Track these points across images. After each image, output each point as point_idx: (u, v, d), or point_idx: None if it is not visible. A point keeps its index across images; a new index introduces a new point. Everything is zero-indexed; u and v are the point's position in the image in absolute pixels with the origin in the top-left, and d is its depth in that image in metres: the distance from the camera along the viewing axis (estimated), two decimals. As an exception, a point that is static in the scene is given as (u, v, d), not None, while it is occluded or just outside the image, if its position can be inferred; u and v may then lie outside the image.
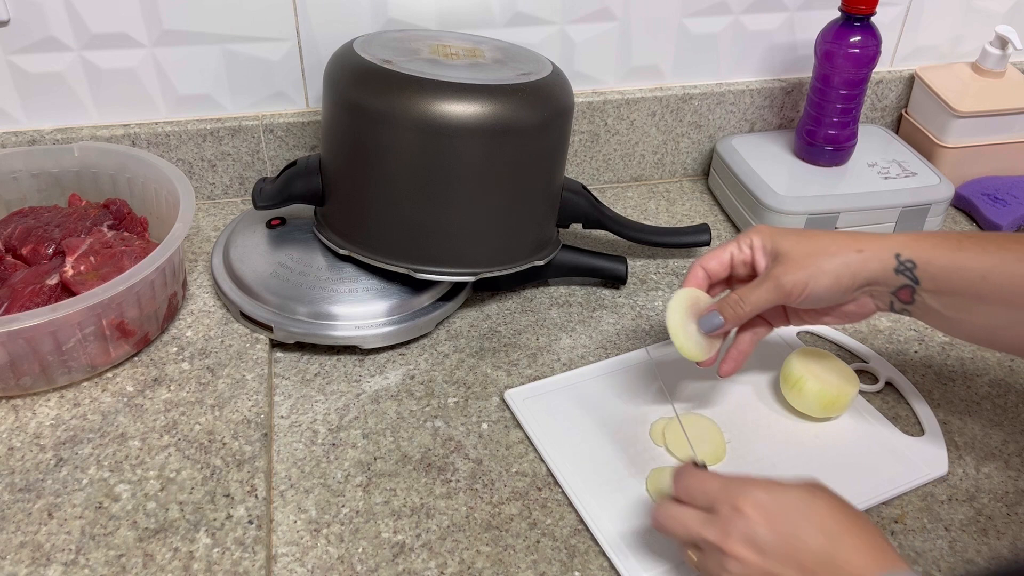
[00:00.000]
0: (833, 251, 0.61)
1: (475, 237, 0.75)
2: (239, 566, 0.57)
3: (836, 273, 0.60)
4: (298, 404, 0.71)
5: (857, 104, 0.91)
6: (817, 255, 0.61)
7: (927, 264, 0.59)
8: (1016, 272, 0.56)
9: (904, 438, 0.69)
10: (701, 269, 0.66)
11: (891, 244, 0.60)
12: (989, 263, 0.57)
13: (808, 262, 0.61)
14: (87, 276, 0.70)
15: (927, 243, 0.59)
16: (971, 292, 0.58)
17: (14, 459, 0.64)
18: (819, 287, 0.61)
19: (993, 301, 0.57)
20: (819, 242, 0.62)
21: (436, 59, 0.75)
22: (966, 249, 0.58)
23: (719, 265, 0.65)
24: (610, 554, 0.59)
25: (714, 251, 0.66)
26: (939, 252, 0.59)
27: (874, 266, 0.60)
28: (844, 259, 0.60)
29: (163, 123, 0.89)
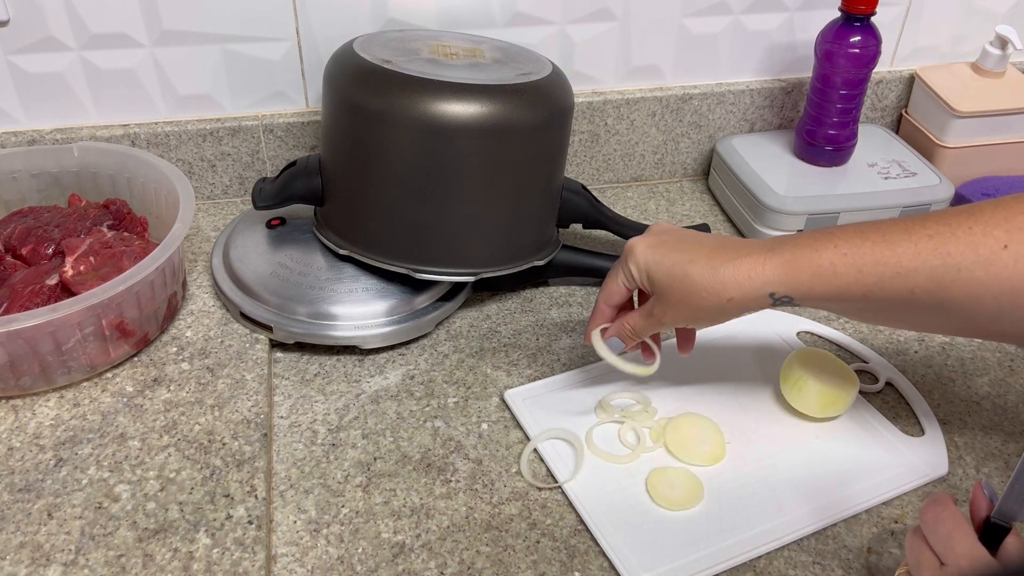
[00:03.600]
0: (704, 296, 0.59)
1: (475, 237, 0.75)
2: (239, 566, 0.57)
3: (710, 319, 0.61)
4: (298, 404, 0.71)
5: (857, 104, 0.91)
6: (689, 300, 0.60)
7: (804, 296, 0.57)
8: (895, 287, 0.55)
9: (904, 438, 0.69)
10: (604, 305, 0.66)
11: (762, 283, 0.57)
12: (867, 283, 0.55)
13: (683, 308, 0.61)
14: (87, 276, 0.70)
15: (802, 277, 0.57)
16: (854, 306, 0.58)
17: (14, 459, 0.64)
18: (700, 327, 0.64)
19: (880, 309, 0.57)
20: (688, 284, 0.59)
21: (436, 59, 0.75)
22: (841, 275, 0.56)
23: (618, 296, 0.66)
24: (610, 554, 0.59)
25: (608, 283, 0.66)
26: (814, 284, 0.56)
27: (750, 307, 0.59)
28: (716, 307, 0.59)
29: (163, 123, 0.89)
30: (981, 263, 0.52)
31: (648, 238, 0.63)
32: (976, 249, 0.53)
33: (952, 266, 0.53)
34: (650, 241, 0.63)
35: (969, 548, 0.47)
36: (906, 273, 0.54)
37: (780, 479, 0.65)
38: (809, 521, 0.62)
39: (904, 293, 0.55)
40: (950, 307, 0.54)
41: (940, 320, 0.57)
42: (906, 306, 0.56)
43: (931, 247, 0.54)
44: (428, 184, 0.72)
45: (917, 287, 0.54)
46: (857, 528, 0.63)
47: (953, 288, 0.53)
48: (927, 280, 0.54)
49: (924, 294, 0.54)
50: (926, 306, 0.55)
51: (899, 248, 0.55)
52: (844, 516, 0.63)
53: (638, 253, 0.62)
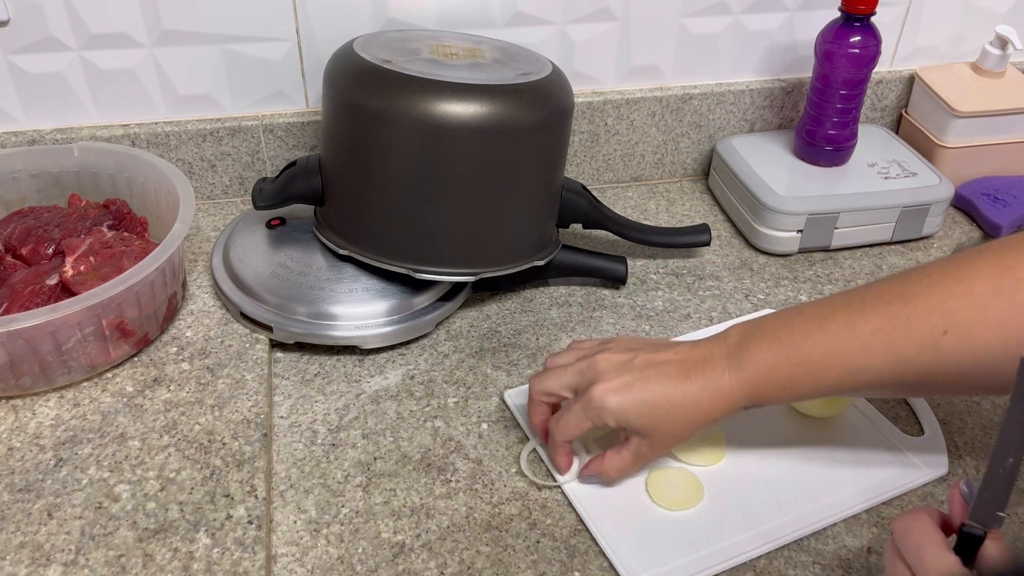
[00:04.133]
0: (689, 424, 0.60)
1: (475, 237, 0.75)
2: (239, 566, 0.57)
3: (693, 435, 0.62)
4: (298, 404, 0.71)
5: (857, 104, 0.91)
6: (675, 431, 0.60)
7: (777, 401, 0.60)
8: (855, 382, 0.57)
9: (904, 438, 0.69)
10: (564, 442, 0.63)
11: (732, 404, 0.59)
12: (827, 385, 0.58)
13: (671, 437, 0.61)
14: (87, 276, 0.70)
15: (767, 391, 0.59)
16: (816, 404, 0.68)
17: (14, 459, 0.64)
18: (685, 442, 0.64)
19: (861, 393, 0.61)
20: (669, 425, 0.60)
21: (436, 59, 0.75)
22: (799, 384, 0.58)
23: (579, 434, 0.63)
24: (610, 554, 0.59)
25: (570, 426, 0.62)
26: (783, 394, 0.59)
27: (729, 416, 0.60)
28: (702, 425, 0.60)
29: (163, 123, 0.89)
30: (926, 350, 0.55)
31: (610, 383, 0.60)
32: (918, 339, 0.55)
33: (902, 359, 0.56)
34: (613, 386, 0.60)
35: (938, 560, 0.46)
36: (860, 371, 0.57)
37: (780, 479, 0.65)
38: (809, 521, 0.62)
39: (862, 385, 0.58)
40: (911, 389, 0.61)
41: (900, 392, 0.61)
42: (870, 392, 0.60)
43: (876, 343, 0.56)
44: (428, 184, 0.72)
45: (874, 381, 0.57)
46: (857, 528, 0.63)
47: (907, 377, 0.57)
48: (880, 373, 0.57)
49: (880, 384, 0.58)
50: (889, 390, 0.59)
51: (847, 347, 0.57)
52: (844, 516, 0.63)
53: (609, 403, 0.60)
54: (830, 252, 0.91)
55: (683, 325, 0.80)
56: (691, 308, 0.83)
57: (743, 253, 0.91)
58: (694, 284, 0.86)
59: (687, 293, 0.85)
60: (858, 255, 0.91)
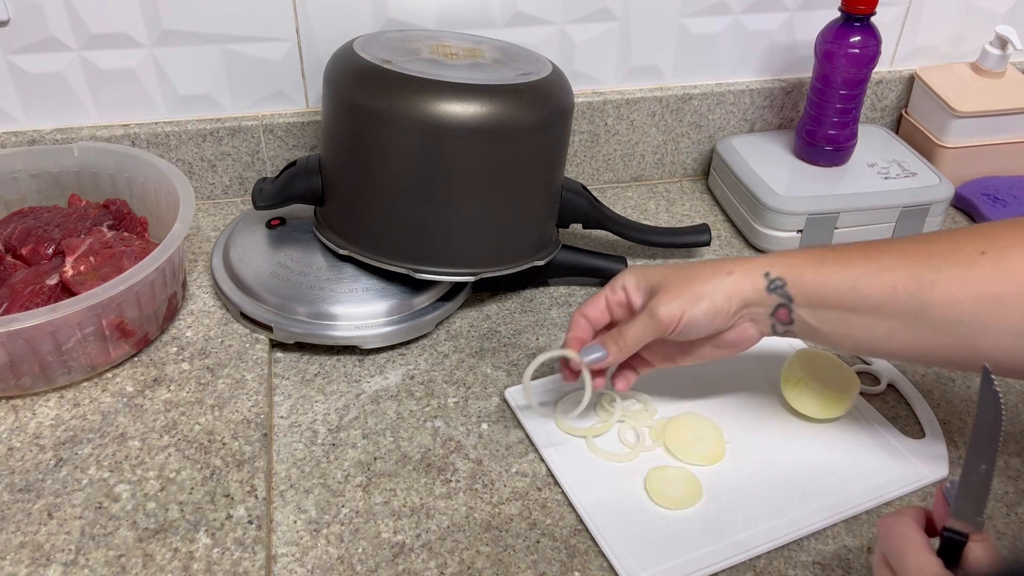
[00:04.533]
0: (704, 277, 0.61)
1: (475, 237, 0.75)
2: (239, 566, 0.57)
3: (711, 297, 0.61)
4: (298, 404, 0.71)
5: (857, 104, 0.91)
6: (690, 282, 0.61)
7: (796, 280, 0.60)
8: (880, 282, 0.58)
9: (905, 440, 0.69)
10: (582, 317, 0.65)
11: (759, 264, 0.61)
12: (853, 273, 0.59)
13: (682, 290, 0.61)
14: (87, 276, 0.70)
15: (794, 260, 0.61)
16: (842, 304, 0.59)
17: (14, 459, 0.64)
18: (696, 313, 0.61)
19: (865, 312, 0.58)
20: (689, 271, 0.62)
21: (436, 59, 0.75)
22: (830, 263, 0.60)
23: (598, 312, 0.65)
24: (609, 554, 0.59)
25: (591, 299, 0.66)
26: (806, 268, 0.60)
27: (746, 286, 0.61)
28: (716, 283, 0.61)
29: (163, 123, 0.89)
30: (960, 265, 0.56)
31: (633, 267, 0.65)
32: (955, 253, 0.57)
33: (932, 267, 0.57)
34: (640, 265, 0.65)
35: (920, 563, 0.46)
36: (890, 268, 0.58)
37: (780, 479, 0.65)
38: (809, 521, 0.62)
39: (888, 290, 0.58)
40: (931, 313, 0.57)
41: (923, 333, 0.58)
42: (890, 309, 0.58)
43: (915, 250, 0.58)
44: (428, 184, 0.72)
45: (900, 284, 0.57)
46: (857, 528, 0.63)
47: (934, 288, 0.56)
48: (909, 277, 0.57)
49: (906, 293, 0.57)
50: (908, 311, 0.57)
51: (885, 248, 0.60)
52: (844, 516, 0.63)
53: (629, 270, 0.65)
54: (830, 252, 0.91)
55: (683, 325, 0.80)
56: (691, 308, 0.83)
57: (743, 253, 0.91)
58: (694, 284, 0.86)
59: (687, 293, 0.84)
60: (858, 255, 0.91)
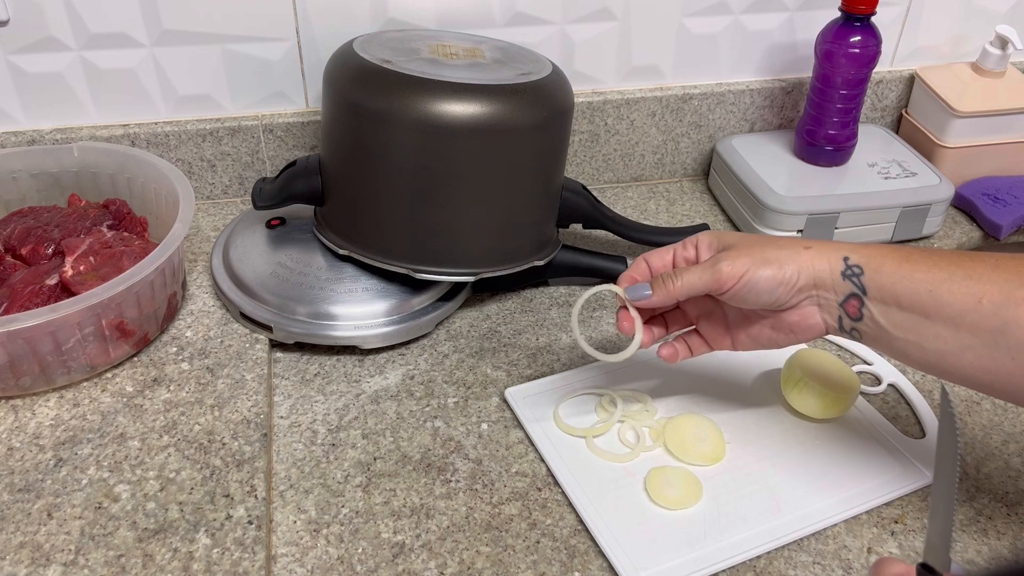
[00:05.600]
0: (780, 244, 0.59)
1: (475, 237, 0.75)
2: (239, 566, 0.57)
3: (780, 263, 0.58)
4: (298, 404, 0.71)
5: (857, 104, 0.91)
6: (763, 246, 0.59)
7: (875, 272, 0.57)
8: (962, 289, 0.54)
9: (905, 440, 0.69)
10: (644, 261, 0.64)
11: (841, 247, 0.58)
12: (937, 277, 0.55)
13: (753, 251, 0.58)
14: (87, 276, 0.70)
15: (876, 251, 0.58)
16: (918, 307, 0.55)
17: (13, 459, 0.64)
18: (760, 276, 0.57)
19: (941, 320, 0.55)
20: (767, 238, 0.60)
21: (436, 59, 0.75)
22: (914, 261, 0.56)
23: (662, 262, 0.63)
24: (609, 554, 0.59)
25: (659, 249, 0.64)
26: (887, 261, 0.57)
27: (821, 265, 0.58)
28: (790, 252, 0.58)
29: (163, 123, 0.89)
30: None
31: None
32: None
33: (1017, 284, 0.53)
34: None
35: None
36: (978, 277, 0.54)
37: (780, 479, 0.65)
38: (809, 521, 0.62)
39: (971, 300, 0.54)
40: (1012, 333, 0.52)
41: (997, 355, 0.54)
42: (968, 321, 0.54)
43: (1011, 264, 0.54)
44: (428, 184, 0.72)
45: (985, 297, 0.53)
46: (857, 528, 0.63)
47: (1022, 307, 0.52)
48: (997, 291, 0.53)
49: (991, 306, 0.53)
50: (988, 327, 0.53)
51: (977, 257, 0.55)
52: (844, 516, 0.63)
53: (710, 231, 0.63)
54: (830, 252, 0.91)
55: (683, 325, 0.80)
56: (691, 308, 0.83)
57: (743, 253, 0.91)
58: (694, 284, 0.86)
59: (687, 293, 0.84)
60: (858, 255, 0.91)
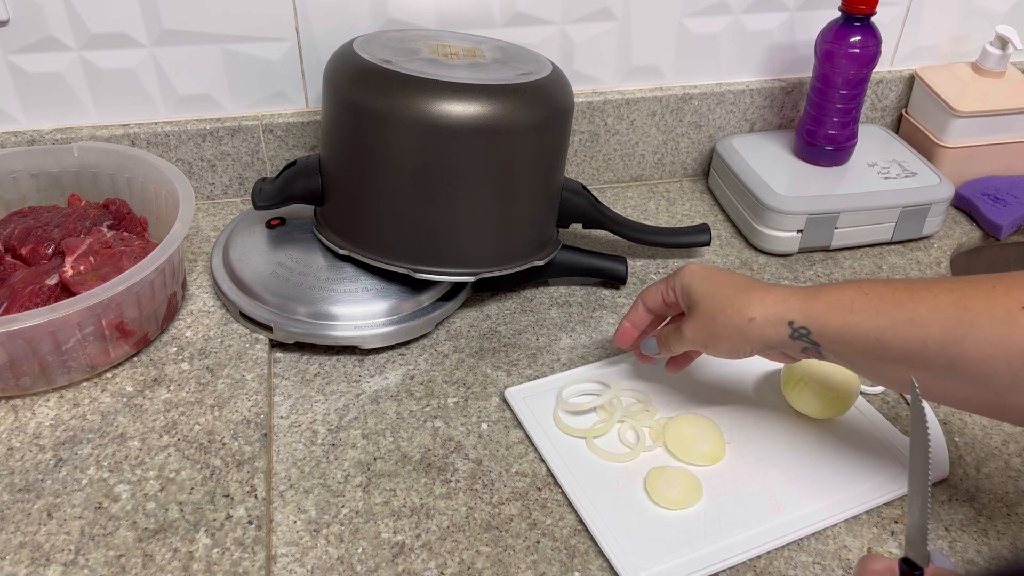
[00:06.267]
0: (728, 315, 0.61)
1: (475, 237, 0.75)
2: (239, 566, 0.57)
3: (730, 340, 0.62)
4: (298, 404, 0.71)
5: (857, 104, 0.91)
6: (713, 319, 0.62)
7: (821, 329, 0.58)
8: (906, 334, 0.55)
9: (905, 440, 0.69)
10: (642, 304, 0.69)
11: (784, 309, 0.60)
12: (881, 325, 0.56)
13: (707, 324, 0.63)
14: (86, 276, 0.70)
15: (820, 306, 0.59)
16: (870, 353, 0.57)
17: (13, 459, 0.64)
18: (718, 351, 0.64)
19: (893, 361, 0.56)
20: (718, 301, 0.62)
21: (436, 59, 0.75)
22: (857, 311, 0.57)
23: (653, 302, 0.69)
24: (609, 554, 0.59)
25: (650, 289, 0.69)
26: (831, 317, 0.58)
27: (770, 334, 0.60)
28: (737, 328, 0.61)
29: (163, 123, 0.89)
30: (995, 321, 0.52)
31: (704, 265, 0.67)
32: (992, 307, 0.53)
33: (965, 321, 0.53)
34: (704, 265, 0.66)
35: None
36: (920, 321, 0.55)
37: (780, 479, 0.65)
38: (809, 521, 0.62)
39: (916, 343, 0.55)
40: (961, 367, 0.53)
41: (953, 384, 0.55)
42: (919, 361, 0.55)
43: (949, 300, 0.54)
44: (428, 184, 0.72)
45: (930, 339, 0.54)
46: (857, 528, 0.63)
47: (964, 344, 0.53)
48: (939, 332, 0.54)
49: (936, 347, 0.54)
50: (938, 363, 0.54)
51: (917, 296, 0.56)
52: (844, 516, 0.63)
53: (687, 270, 0.66)
54: (830, 252, 0.91)
55: (683, 325, 0.80)
56: (691, 308, 0.83)
57: (743, 253, 0.91)
58: (694, 284, 0.86)
59: (687, 293, 0.84)
60: (858, 255, 0.91)
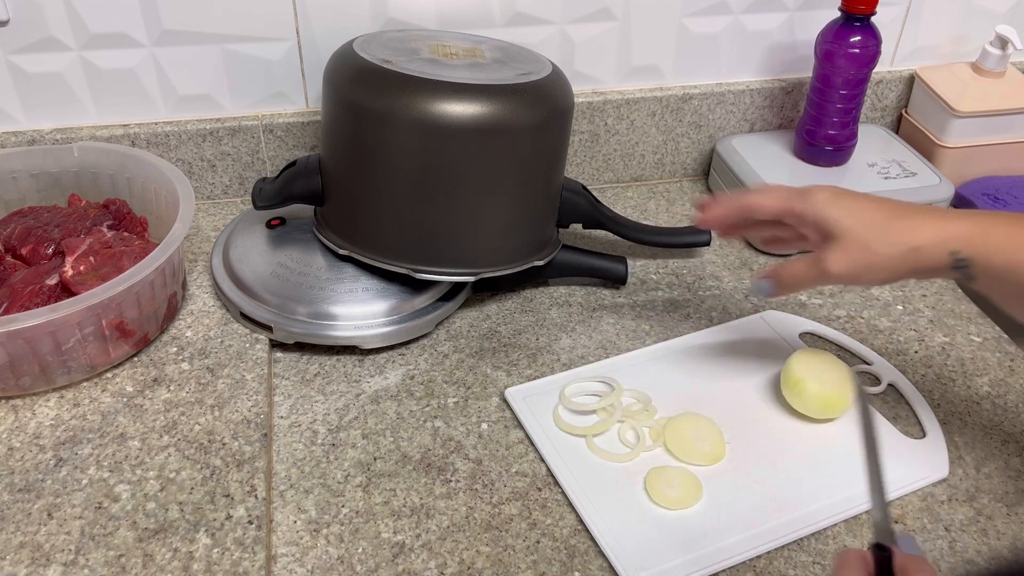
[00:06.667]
0: (888, 244, 0.56)
1: (475, 237, 0.75)
2: (239, 566, 0.57)
3: (889, 270, 0.57)
4: (298, 404, 0.71)
5: (857, 104, 0.91)
6: (869, 247, 0.57)
7: (986, 264, 0.55)
8: None
9: (905, 440, 0.69)
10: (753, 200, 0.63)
11: (947, 237, 0.56)
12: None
13: (861, 255, 0.57)
14: (87, 276, 0.70)
15: (993, 239, 0.54)
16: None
17: (14, 459, 0.64)
18: (870, 282, 0.59)
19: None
20: (872, 230, 0.57)
21: (436, 59, 0.75)
22: (1018, 238, 0.53)
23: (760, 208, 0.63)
24: (609, 554, 0.59)
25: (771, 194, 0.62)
26: (999, 246, 0.54)
27: (929, 262, 0.56)
28: (899, 256, 0.57)
29: (163, 123, 0.89)
30: None
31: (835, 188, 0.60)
32: None
33: None
34: (835, 188, 0.60)
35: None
36: None
37: (780, 479, 0.65)
38: (809, 521, 0.62)
39: None
40: None
41: None
42: None
43: None
44: (428, 184, 0.72)
45: None
46: (857, 528, 0.63)
47: None
48: None
49: None
50: None
51: None
52: (844, 516, 0.63)
53: (819, 195, 0.60)
54: (830, 252, 0.91)
55: (683, 325, 0.80)
56: (691, 308, 0.83)
57: (743, 253, 0.91)
58: (694, 284, 0.86)
59: (687, 293, 0.85)
60: (858, 255, 0.91)
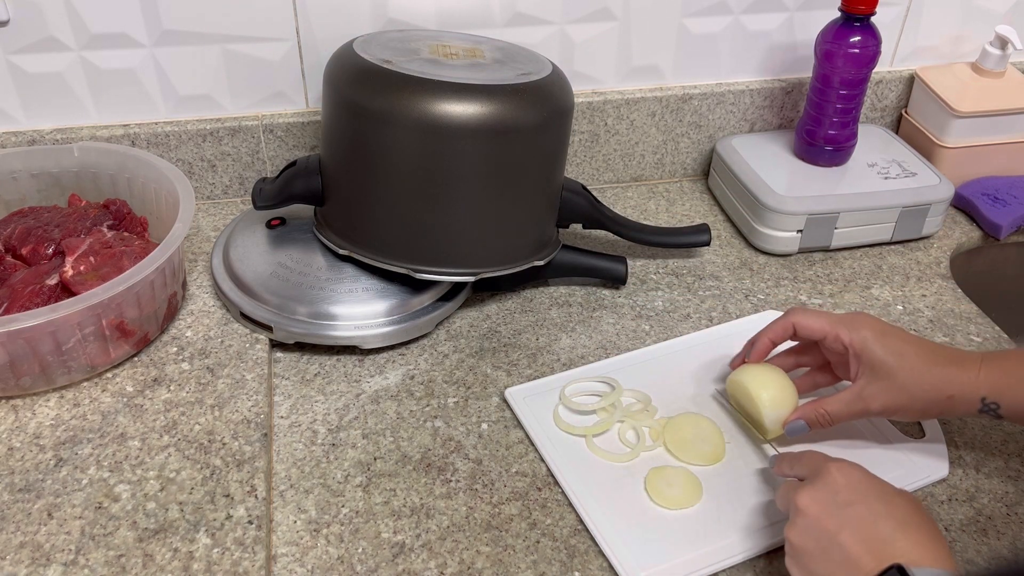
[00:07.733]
0: (924, 390, 0.61)
1: (475, 237, 0.75)
2: (239, 566, 0.57)
3: (923, 412, 0.62)
4: (298, 404, 0.71)
5: (857, 104, 0.91)
6: (910, 391, 0.61)
7: (1011, 404, 0.60)
8: None
9: (905, 440, 0.69)
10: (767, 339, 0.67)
11: (978, 387, 0.60)
12: None
13: (899, 396, 0.62)
14: (87, 276, 0.70)
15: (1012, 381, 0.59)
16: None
17: (14, 459, 0.64)
18: (902, 418, 0.65)
19: None
20: (910, 375, 0.61)
21: (436, 59, 0.75)
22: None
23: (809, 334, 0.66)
24: (609, 554, 0.59)
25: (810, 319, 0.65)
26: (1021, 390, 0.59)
27: (960, 409, 0.61)
28: (934, 402, 0.61)
29: (163, 123, 0.89)
30: None
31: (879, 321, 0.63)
32: None
33: None
34: (879, 322, 0.63)
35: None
36: None
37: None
38: (809, 521, 0.62)
39: None
40: None
41: None
42: None
43: None
44: (428, 184, 0.72)
45: None
46: (857, 528, 0.63)
47: None
48: None
49: None
50: None
51: None
52: (844, 516, 0.63)
53: (863, 325, 0.63)
54: (830, 252, 0.91)
55: (683, 325, 0.80)
56: (691, 308, 0.83)
57: (743, 253, 0.91)
58: (694, 284, 0.86)
59: (687, 293, 0.85)
60: (858, 255, 0.91)
